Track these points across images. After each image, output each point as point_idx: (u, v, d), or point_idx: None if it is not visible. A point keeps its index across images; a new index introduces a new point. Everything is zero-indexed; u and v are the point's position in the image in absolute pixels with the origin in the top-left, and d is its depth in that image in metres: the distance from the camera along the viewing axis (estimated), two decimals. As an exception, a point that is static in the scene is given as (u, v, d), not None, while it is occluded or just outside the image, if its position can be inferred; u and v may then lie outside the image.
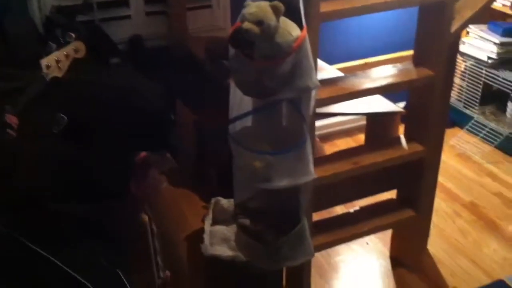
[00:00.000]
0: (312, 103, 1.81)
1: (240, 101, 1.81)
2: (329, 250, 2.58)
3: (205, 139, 2.94)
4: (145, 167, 1.17)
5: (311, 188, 1.92)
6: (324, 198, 2.35)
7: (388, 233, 2.74)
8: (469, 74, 3.73)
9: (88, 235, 1.17)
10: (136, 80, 1.38)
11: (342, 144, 3.61)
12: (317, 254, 2.51)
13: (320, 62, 2.90)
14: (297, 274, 2.32)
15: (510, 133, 3.47)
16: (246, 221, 1.97)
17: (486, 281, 2.59)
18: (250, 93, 1.75)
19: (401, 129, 2.59)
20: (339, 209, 2.73)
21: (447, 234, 2.90)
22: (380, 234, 2.72)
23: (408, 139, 2.37)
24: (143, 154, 1.12)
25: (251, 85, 1.70)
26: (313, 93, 1.78)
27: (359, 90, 2.09)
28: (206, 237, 2.38)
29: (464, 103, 3.78)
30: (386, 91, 2.17)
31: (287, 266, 2.25)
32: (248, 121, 1.84)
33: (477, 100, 3.69)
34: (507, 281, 2.58)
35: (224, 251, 2.34)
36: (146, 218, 1.38)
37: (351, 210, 2.60)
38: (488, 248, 2.80)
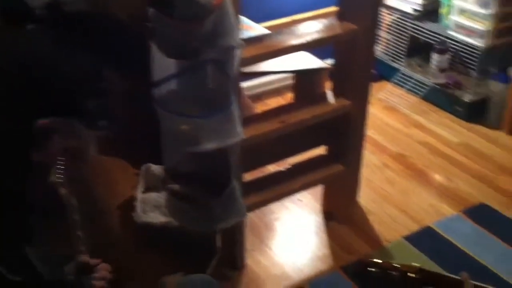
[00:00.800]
0: (237, 62, 1.79)
1: (163, 64, 1.76)
2: (263, 209, 2.60)
3: (135, 105, 2.86)
4: (48, 135, 1.12)
5: (240, 148, 1.91)
6: (255, 157, 2.35)
7: (320, 189, 2.79)
8: (395, 27, 3.78)
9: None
10: (55, 48, 1.31)
11: (273, 103, 3.61)
12: (251, 214, 2.53)
13: (247, 21, 2.86)
14: (231, 235, 2.33)
15: (435, 83, 3.56)
16: (176, 186, 1.95)
17: (415, 228, 2.68)
18: (173, 55, 1.70)
19: (329, 86, 2.61)
20: (271, 168, 2.74)
21: (376, 185, 2.98)
22: (312, 190, 2.77)
23: (335, 95, 2.39)
24: (44, 121, 1.07)
25: (173, 47, 1.65)
26: (238, 52, 1.75)
27: (284, 47, 2.07)
28: (138, 204, 2.34)
29: (391, 56, 3.84)
30: (311, 47, 2.17)
31: (221, 228, 2.25)
32: (172, 84, 1.80)
33: (404, 53, 3.76)
34: (434, 227, 2.68)
35: (157, 217, 2.31)
36: (63, 191, 1.34)
37: (283, 168, 2.63)
38: (415, 196, 2.90)
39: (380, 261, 1.30)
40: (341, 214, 2.75)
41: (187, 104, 1.77)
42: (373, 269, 1.29)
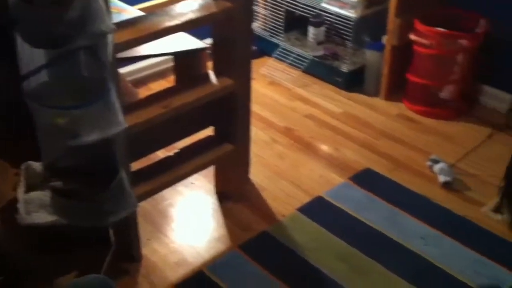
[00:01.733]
0: (111, 48, 1.70)
1: (31, 55, 1.65)
2: (155, 196, 2.54)
3: (7, 100, 2.67)
4: None
5: (124, 138, 1.84)
6: (141, 145, 2.28)
7: (212, 170, 2.77)
8: (271, 3, 3.81)
9: None
10: None
11: (157, 87, 3.53)
12: (143, 203, 2.46)
13: (119, 3, 2.76)
14: (125, 227, 2.25)
15: (314, 56, 3.64)
16: (59, 183, 1.84)
17: (307, 199, 2.74)
18: (39, 44, 1.59)
19: (210, 66, 2.57)
20: (160, 154, 2.68)
21: (267, 161, 3.01)
22: (204, 172, 2.74)
23: (217, 74, 2.36)
24: None
25: (38, 35, 1.54)
26: (110, 37, 1.67)
27: (160, 30, 2.01)
28: (21, 206, 2.20)
29: (270, 31, 3.88)
30: (188, 27, 2.12)
31: (112, 221, 2.17)
32: (43, 76, 1.69)
33: (281, 28, 3.80)
34: (325, 197, 2.75)
35: (43, 217, 2.18)
36: None
37: (172, 153, 2.57)
38: (305, 169, 2.96)
39: None
40: (235, 193, 2.75)
41: (60, 95, 1.67)
42: None
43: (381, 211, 2.65)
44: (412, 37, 3.16)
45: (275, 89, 3.63)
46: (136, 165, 2.38)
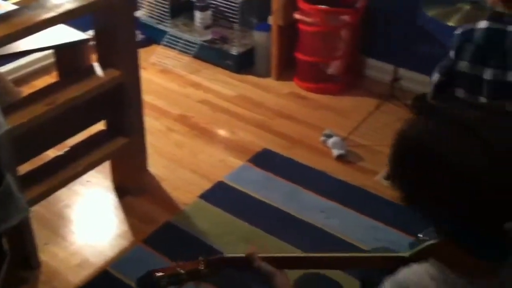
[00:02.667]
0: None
1: None
2: (49, 198, 2.42)
3: None
4: None
5: (8, 140, 1.73)
6: (29, 146, 2.16)
7: (108, 165, 2.68)
8: (154, -11, 3.72)
9: None
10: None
11: (41, 84, 3.35)
12: (36, 207, 2.34)
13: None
14: (18, 234, 2.13)
15: (202, 41, 3.61)
16: None
17: (208, 185, 2.73)
18: None
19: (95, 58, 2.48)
20: (51, 153, 2.55)
21: (165, 150, 2.96)
22: (99, 168, 2.64)
23: (103, 66, 2.28)
24: None
25: None
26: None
27: (35, 23, 1.90)
28: None
29: (156, 18, 3.80)
30: (66, 19, 2.02)
31: (3, 229, 2.05)
32: None
33: (167, 14, 3.73)
34: (225, 181, 2.76)
35: None
36: None
37: (63, 152, 2.46)
38: (204, 155, 2.95)
39: (165, 271, 1.29)
40: (134, 187, 2.68)
41: None
42: (162, 280, 1.28)
43: (281, 189, 2.70)
44: (297, 16, 3.22)
45: (166, 77, 3.58)
46: (25, 168, 2.26)
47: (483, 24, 2.04)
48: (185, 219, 2.55)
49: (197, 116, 3.24)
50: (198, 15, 3.55)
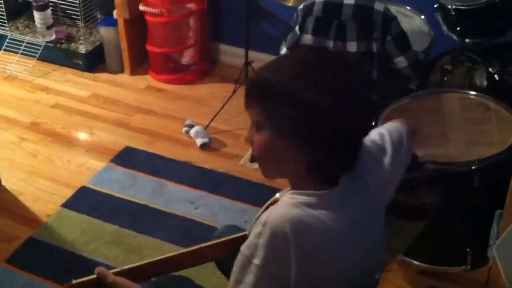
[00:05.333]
0: None
1: None
2: None
3: None
4: None
5: None
6: None
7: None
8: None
9: None
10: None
11: None
12: None
13: None
14: None
15: (46, 42, 3.42)
16: None
17: (70, 193, 2.61)
18: None
19: None
20: None
21: (19, 162, 2.79)
22: None
23: None
24: None
25: None
26: None
27: None
28: None
29: (-7, 23, 3.54)
30: None
31: None
32: None
33: (4, 17, 3.48)
34: (89, 185, 2.65)
35: None
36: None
37: None
38: (62, 161, 2.81)
39: None
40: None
41: None
42: None
43: (147, 186, 2.65)
44: (141, 7, 3.14)
45: (12, 84, 3.36)
46: None
47: (322, -3, 2.12)
48: (49, 231, 2.43)
49: (51, 121, 3.08)
50: (37, 15, 3.35)
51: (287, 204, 1.16)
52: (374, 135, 1.38)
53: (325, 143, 1.12)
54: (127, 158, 2.82)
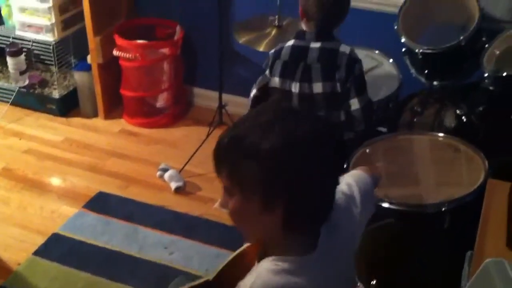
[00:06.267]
0: None
1: None
2: None
3: None
4: None
5: None
6: None
7: None
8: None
9: None
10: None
11: None
12: None
13: None
14: None
15: (20, 87, 3.41)
16: None
17: (42, 240, 2.57)
18: None
19: None
20: None
21: (-7, 209, 2.75)
22: None
23: None
24: None
25: None
26: None
27: None
28: None
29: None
30: None
31: None
32: None
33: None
34: (61, 232, 2.61)
35: None
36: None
37: None
38: (34, 208, 2.77)
39: None
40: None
41: None
42: None
43: (120, 232, 2.62)
44: (115, 52, 3.16)
45: (-17, 130, 3.33)
46: None
47: (290, 42, 2.18)
48: (19, 280, 2.37)
49: (23, 167, 3.04)
50: (10, 61, 3.34)
51: (268, 271, 1.15)
52: (342, 185, 1.38)
53: (295, 198, 1.12)
54: (100, 203, 2.79)
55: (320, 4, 2.08)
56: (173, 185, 2.88)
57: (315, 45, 2.12)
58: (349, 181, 1.40)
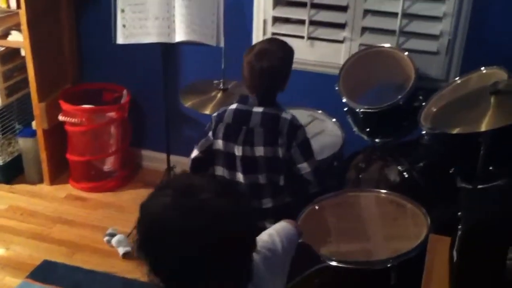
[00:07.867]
0: None
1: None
2: None
3: None
4: None
5: None
6: None
7: None
8: None
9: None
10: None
11: None
12: None
13: None
14: None
15: (3, 161, 3.33)
16: None
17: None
18: None
19: None
20: None
21: None
22: None
23: None
24: None
25: None
26: None
27: None
28: None
29: None
30: None
31: None
32: None
33: None
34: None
35: None
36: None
37: None
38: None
39: None
40: None
41: None
42: None
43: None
44: (61, 118, 3.14)
45: None
46: None
47: (233, 106, 2.21)
48: None
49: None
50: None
51: None
52: (263, 236, 1.41)
53: (217, 270, 1.13)
54: (45, 272, 2.70)
55: (255, 78, 2.13)
56: (121, 251, 2.82)
57: (258, 109, 2.16)
58: (271, 231, 1.44)
